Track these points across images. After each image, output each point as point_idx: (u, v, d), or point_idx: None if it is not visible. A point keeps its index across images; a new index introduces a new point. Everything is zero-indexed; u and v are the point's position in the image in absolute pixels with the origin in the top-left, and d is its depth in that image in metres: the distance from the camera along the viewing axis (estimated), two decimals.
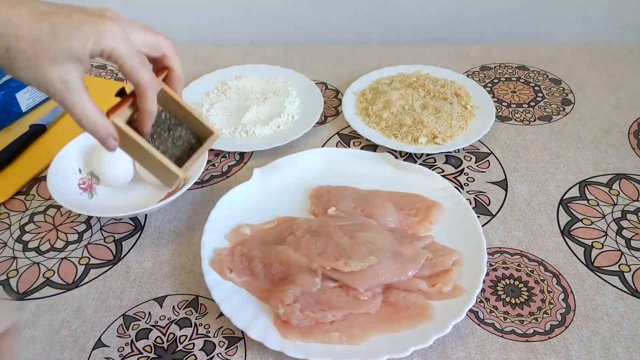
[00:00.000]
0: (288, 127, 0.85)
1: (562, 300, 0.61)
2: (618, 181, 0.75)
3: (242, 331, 0.57)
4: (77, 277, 0.65)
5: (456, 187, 0.72)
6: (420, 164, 0.78)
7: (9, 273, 0.66)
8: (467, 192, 0.74)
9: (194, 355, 0.57)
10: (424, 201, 0.69)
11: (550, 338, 0.57)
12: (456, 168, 0.78)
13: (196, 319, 0.60)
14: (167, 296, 0.63)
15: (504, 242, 0.67)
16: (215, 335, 0.58)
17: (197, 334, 0.59)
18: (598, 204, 0.72)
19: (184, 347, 0.57)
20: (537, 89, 0.94)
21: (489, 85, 0.95)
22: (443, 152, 0.80)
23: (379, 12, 1.13)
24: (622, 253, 0.66)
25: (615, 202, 0.72)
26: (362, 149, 0.81)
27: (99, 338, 0.58)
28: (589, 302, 0.61)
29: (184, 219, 0.72)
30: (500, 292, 0.62)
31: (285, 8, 1.13)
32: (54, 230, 0.71)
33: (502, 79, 0.97)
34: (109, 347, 0.58)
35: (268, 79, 0.95)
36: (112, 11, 0.47)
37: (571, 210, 0.71)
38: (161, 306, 0.61)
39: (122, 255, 0.67)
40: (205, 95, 0.92)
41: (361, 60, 1.02)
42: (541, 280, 0.63)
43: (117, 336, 0.59)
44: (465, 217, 0.67)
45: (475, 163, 0.79)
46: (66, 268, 0.66)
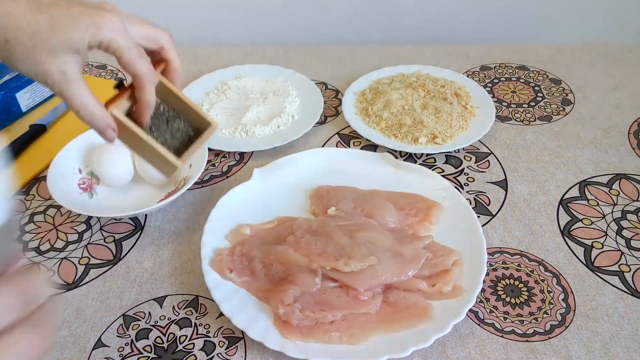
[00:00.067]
0: (288, 127, 0.85)
1: (562, 300, 0.61)
2: (618, 181, 0.75)
3: (242, 331, 0.57)
4: (77, 277, 0.65)
5: (456, 187, 0.72)
6: (420, 164, 0.78)
7: None
8: (467, 192, 0.74)
9: (194, 355, 0.57)
10: (424, 201, 0.69)
11: (550, 338, 0.57)
12: (456, 168, 0.78)
13: (196, 319, 0.60)
14: (167, 296, 0.63)
15: (504, 242, 0.67)
16: (215, 335, 0.58)
17: (197, 334, 0.59)
18: (598, 204, 0.72)
19: (184, 347, 0.57)
20: (537, 89, 0.94)
21: (489, 85, 0.95)
22: (443, 152, 0.80)
23: (379, 12, 1.13)
24: (622, 253, 0.66)
25: (615, 202, 0.72)
26: (362, 149, 0.81)
27: (99, 338, 0.58)
28: (589, 302, 0.61)
29: (184, 219, 0.72)
30: (500, 292, 0.62)
31: (285, 8, 1.13)
32: (53, 230, 0.71)
33: (502, 79, 0.97)
34: (109, 347, 0.58)
35: (268, 79, 0.95)
36: (110, 4, 0.47)
37: (571, 210, 0.71)
38: (161, 306, 0.61)
39: (122, 255, 0.67)
40: (205, 95, 0.92)
41: (361, 60, 1.02)
42: (541, 280, 0.63)
43: (117, 336, 0.59)
44: (465, 217, 0.67)
45: (475, 163, 0.79)
46: (66, 268, 0.66)
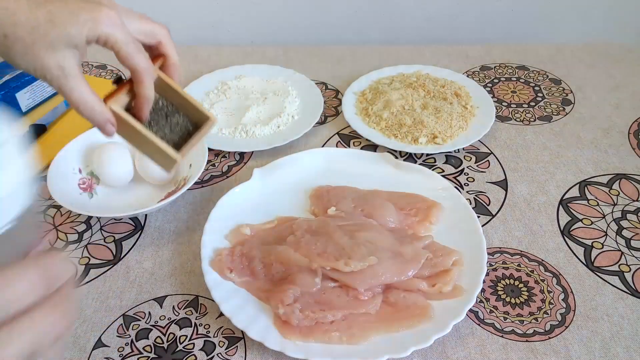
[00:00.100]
0: (288, 127, 0.85)
1: (562, 300, 0.61)
2: (618, 181, 0.75)
3: (242, 331, 0.57)
4: (77, 277, 0.65)
5: (456, 187, 0.72)
6: (420, 164, 0.78)
7: None
8: (467, 192, 0.74)
9: (194, 355, 0.57)
10: (424, 201, 0.69)
11: (550, 338, 0.57)
12: (456, 168, 0.78)
13: (196, 319, 0.60)
14: (167, 296, 0.63)
15: (504, 242, 0.67)
16: (215, 335, 0.58)
17: (197, 334, 0.59)
18: (598, 204, 0.72)
19: (184, 347, 0.57)
20: (537, 89, 0.94)
21: (489, 85, 0.95)
22: (443, 152, 0.80)
23: (379, 12, 1.13)
24: (622, 253, 0.66)
25: (615, 202, 0.72)
26: (362, 149, 0.81)
27: (99, 338, 0.58)
28: (589, 302, 0.61)
29: (184, 219, 0.72)
30: (500, 292, 0.62)
31: (285, 8, 1.13)
32: (53, 231, 0.71)
33: (502, 79, 0.97)
34: (109, 347, 0.58)
35: (268, 79, 0.95)
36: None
37: (571, 210, 0.71)
38: (161, 306, 0.61)
39: (122, 255, 0.67)
40: (205, 95, 0.92)
41: (361, 60, 1.02)
42: (541, 280, 0.63)
43: (117, 336, 0.59)
44: (465, 217, 0.67)
45: (475, 163, 0.79)
46: None
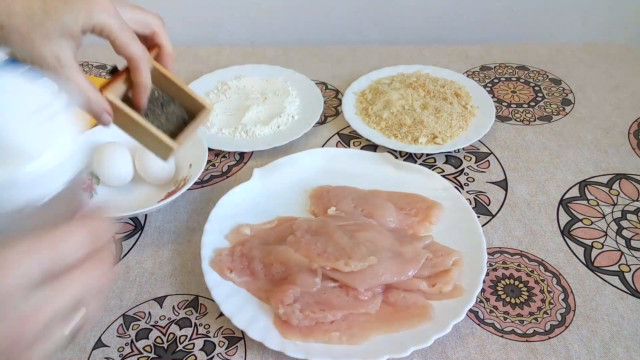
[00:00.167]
0: (288, 127, 0.85)
1: (562, 300, 0.61)
2: (618, 181, 0.75)
3: (242, 331, 0.57)
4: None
5: (456, 187, 0.72)
6: (420, 164, 0.78)
7: None
8: (467, 192, 0.74)
9: (194, 355, 0.57)
10: (424, 201, 0.69)
11: (550, 338, 0.57)
12: (456, 168, 0.78)
13: (196, 319, 0.60)
14: (167, 296, 0.63)
15: (504, 242, 0.67)
16: (215, 335, 0.58)
17: (197, 334, 0.59)
18: (598, 204, 0.72)
19: (184, 347, 0.57)
20: (537, 89, 0.94)
21: (489, 85, 0.95)
22: (443, 152, 0.80)
23: (379, 12, 1.13)
24: (622, 253, 0.66)
25: (615, 202, 0.72)
26: (362, 149, 0.81)
27: (99, 338, 0.58)
28: (589, 302, 0.61)
29: (184, 219, 0.72)
30: (500, 292, 0.62)
31: (285, 8, 1.13)
32: None
33: (502, 79, 0.97)
34: (109, 347, 0.58)
35: (268, 79, 0.95)
36: None
37: (571, 210, 0.71)
38: (161, 306, 0.61)
39: (122, 255, 0.67)
40: (205, 95, 0.92)
41: (361, 60, 1.02)
42: (541, 280, 0.63)
43: (117, 336, 0.59)
44: (465, 217, 0.67)
45: (475, 163, 0.79)
46: None
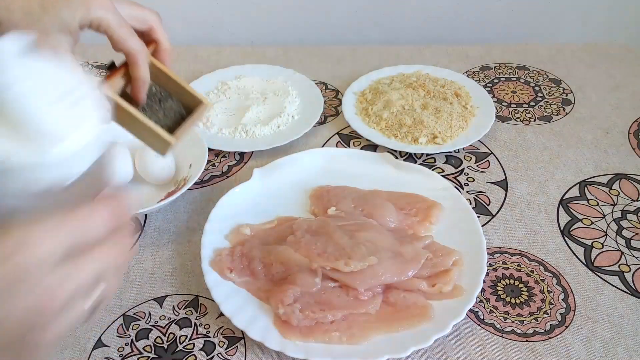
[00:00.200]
0: (288, 127, 0.85)
1: (562, 300, 0.61)
2: (618, 181, 0.75)
3: (242, 331, 0.57)
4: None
5: (456, 187, 0.72)
6: (420, 164, 0.78)
7: None
8: (467, 192, 0.74)
9: (194, 355, 0.57)
10: (424, 201, 0.69)
11: (550, 338, 0.57)
12: (456, 168, 0.78)
13: (196, 319, 0.60)
14: (167, 296, 0.63)
15: (504, 242, 0.67)
16: (215, 335, 0.58)
17: (197, 334, 0.59)
18: (598, 204, 0.72)
19: (184, 347, 0.57)
20: (537, 89, 0.94)
21: (489, 85, 0.95)
22: (443, 152, 0.80)
23: (379, 12, 1.13)
24: (622, 253, 0.66)
25: (615, 202, 0.72)
26: (362, 149, 0.81)
27: (99, 338, 0.58)
28: (589, 302, 0.61)
29: (184, 219, 0.72)
30: (500, 292, 0.62)
31: (285, 8, 1.13)
32: None
33: (502, 79, 0.97)
34: (109, 347, 0.58)
35: (268, 79, 0.95)
36: None
37: (571, 210, 0.71)
38: (161, 306, 0.61)
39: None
40: (205, 96, 0.92)
41: (361, 60, 1.02)
42: (541, 280, 0.63)
43: (117, 336, 0.59)
44: (465, 217, 0.67)
45: (475, 163, 0.79)
46: None
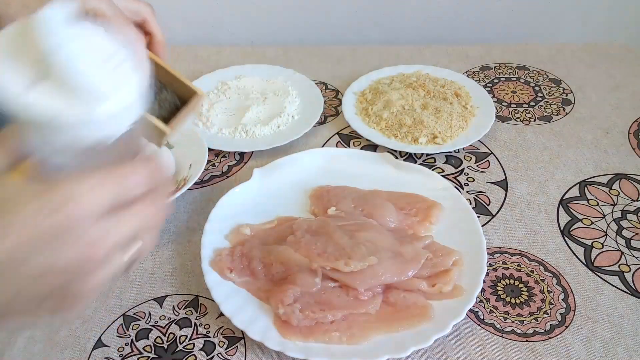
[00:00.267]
0: (288, 127, 0.85)
1: (562, 300, 0.61)
2: (618, 181, 0.75)
3: (242, 331, 0.57)
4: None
5: (456, 187, 0.72)
6: (420, 164, 0.78)
7: None
8: (467, 192, 0.74)
9: (194, 355, 0.57)
10: (424, 201, 0.69)
11: (550, 338, 0.57)
12: (456, 168, 0.78)
13: (196, 319, 0.60)
14: (167, 296, 0.63)
15: (504, 242, 0.67)
16: (215, 335, 0.58)
17: (197, 334, 0.59)
18: (598, 204, 0.72)
19: (184, 347, 0.57)
20: (537, 89, 0.94)
21: (489, 85, 0.95)
22: (443, 152, 0.80)
23: (379, 12, 1.13)
24: (622, 253, 0.66)
25: (615, 202, 0.72)
26: (362, 149, 0.81)
27: (99, 338, 0.58)
28: (589, 302, 0.61)
29: (184, 219, 0.72)
30: (500, 292, 0.62)
31: (285, 8, 1.13)
32: None
33: (502, 79, 0.97)
34: (109, 347, 0.58)
35: (268, 79, 0.95)
36: None
37: (571, 210, 0.71)
38: (161, 306, 0.61)
39: None
40: (205, 95, 0.92)
41: (361, 60, 1.02)
42: (541, 280, 0.63)
43: (117, 336, 0.59)
44: (465, 217, 0.67)
45: (475, 163, 0.79)
46: None
